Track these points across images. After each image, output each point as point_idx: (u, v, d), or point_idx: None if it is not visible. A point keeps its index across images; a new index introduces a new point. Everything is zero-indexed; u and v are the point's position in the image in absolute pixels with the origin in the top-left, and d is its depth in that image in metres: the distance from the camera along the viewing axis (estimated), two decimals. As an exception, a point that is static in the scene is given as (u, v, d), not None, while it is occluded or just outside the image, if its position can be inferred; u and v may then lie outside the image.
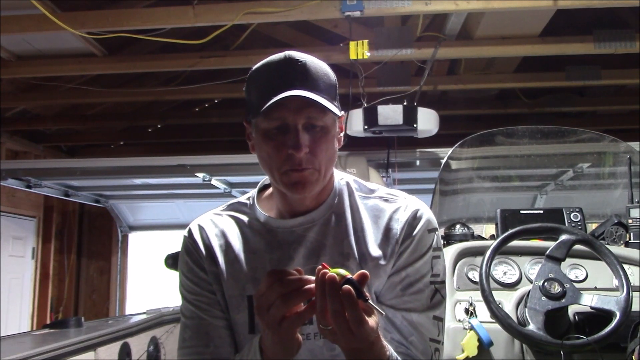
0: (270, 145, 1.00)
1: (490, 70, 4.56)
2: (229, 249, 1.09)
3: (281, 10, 3.25)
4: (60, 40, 3.81)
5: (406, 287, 1.04)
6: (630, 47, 3.65)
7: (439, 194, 2.63)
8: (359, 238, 1.06)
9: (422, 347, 1.03)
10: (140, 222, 5.97)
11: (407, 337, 1.02)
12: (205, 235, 1.11)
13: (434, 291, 1.06)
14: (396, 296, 1.04)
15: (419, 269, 1.05)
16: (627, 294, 1.45)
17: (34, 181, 4.58)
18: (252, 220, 1.12)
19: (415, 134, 3.63)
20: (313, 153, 1.00)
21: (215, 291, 1.09)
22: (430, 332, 1.04)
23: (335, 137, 1.05)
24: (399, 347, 1.01)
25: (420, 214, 1.07)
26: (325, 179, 1.05)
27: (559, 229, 1.62)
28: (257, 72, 1.03)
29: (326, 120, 1.01)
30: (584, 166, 3.07)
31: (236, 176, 4.68)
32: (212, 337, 1.07)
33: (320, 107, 0.97)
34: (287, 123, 0.98)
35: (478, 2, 3.21)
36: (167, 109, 6.11)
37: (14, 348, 1.96)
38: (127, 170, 4.53)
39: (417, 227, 1.06)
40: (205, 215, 1.16)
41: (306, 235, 1.07)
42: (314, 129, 1.00)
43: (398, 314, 1.03)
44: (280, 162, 1.00)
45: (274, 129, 0.99)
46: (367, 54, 3.36)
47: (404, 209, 1.08)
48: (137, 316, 2.97)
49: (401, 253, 1.05)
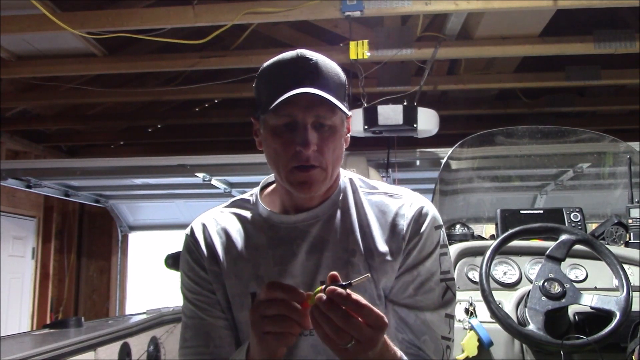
0: (278, 142, 1.00)
1: (490, 70, 4.56)
2: (231, 247, 1.09)
3: (281, 10, 3.25)
4: (60, 40, 3.81)
5: (418, 286, 1.04)
6: (630, 47, 3.65)
7: (439, 194, 2.63)
8: (365, 234, 1.06)
9: (434, 346, 1.03)
10: (140, 222, 5.98)
11: (420, 336, 1.02)
12: (207, 233, 1.11)
13: (445, 288, 1.06)
14: (409, 296, 1.04)
15: (429, 268, 1.05)
16: (627, 294, 1.45)
17: (34, 181, 4.59)
18: (254, 216, 1.11)
19: (415, 134, 3.63)
20: (320, 151, 1.00)
21: (215, 291, 1.08)
22: (442, 330, 1.04)
23: (343, 137, 1.05)
24: (410, 348, 1.01)
25: (425, 211, 1.07)
26: (332, 178, 1.05)
27: (559, 229, 1.62)
28: (268, 69, 1.03)
29: (335, 119, 1.01)
30: (584, 166, 3.08)
31: (236, 176, 4.68)
32: (212, 338, 1.07)
33: (330, 105, 0.98)
34: (296, 120, 0.98)
35: (478, 2, 3.21)
36: (167, 109, 6.11)
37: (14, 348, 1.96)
38: (127, 170, 4.53)
39: (424, 225, 1.05)
40: (208, 213, 1.15)
41: (309, 231, 1.06)
42: (323, 127, 1.00)
43: (411, 314, 1.03)
44: (287, 159, 1.00)
45: (282, 125, 0.99)
46: (367, 54, 3.37)
47: (409, 205, 1.07)
48: (137, 316, 2.97)
49: (409, 252, 1.04)
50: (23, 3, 3.14)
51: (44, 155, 6.30)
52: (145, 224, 6.02)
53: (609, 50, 3.70)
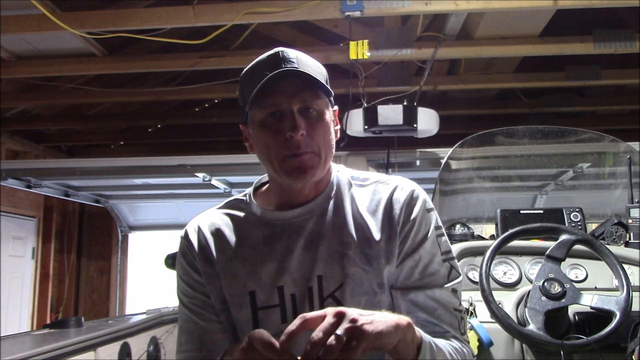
0: (268, 134, 1.01)
1: (490, 70, 4.56)
2: (226, 247, 1.09)
3: (281, 10, 3.25)
4: (60, 40, 3.80)
5: (423, 269, 1.05)
6: (630, 47, 3.65)
7: (439, 194, 2.63)
8: (359, 225, 1.06)
9: (448, 318, 1.04)
10: (140, 222, 5.98)
11: (433, 312, 1.03)
12: (201, 235, 1.11)
13: (450, 268, 1.07)
14: (416, 280, 1.04)
15: (429, 250, 1.05)
16: (627, 294, 1.45)
17: (34, 181, 4.59)
18: (248, 215, 1.12)
19: (415, 134, 3.63)
20: (311, 136, 1.01)
21: (209, 293, 1.08)
22: (452, 303, 1.05)
23: (332, 124, 1.06)
24: (425, 326, 1.01)
25: (416, 194, 1.09)
26: (325, 165, 1.05)
27: (559, 229, 1.61)
28: (249, 69, 1.05)
29: (320, 103, 1.02)
30: (584, 166, 3.07)
31: (236, 176, 4.68)
32: (204, 342, 1.07)
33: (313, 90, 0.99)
34: (281, 109, 1.00)
35: (478, 2, 3.21)
36: (167, 109, 6.11)
37: (14, 348, 1.95)
38: (127, 170, 4.53)
39: (416, 208, 1.07)
40: (202, 215, 1.16)
41: (305, 226, 1.07)
42: (309, 112, 1.01)
43: (420, 294, 1.03)
44: (278, 148, 1.01)
45: (269, 116, 1.01)
46: (367, 54, 3.36)
47: (401, 189, 1.09)
48: (137, 316, 2.96)
49: (405, 236, 1.05)
50: (23, 3, 3.14)
51: (44, 155, 6.30)
52: (145, 224, 6.02)
53: (609, 50, 3.70)
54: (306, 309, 1.03)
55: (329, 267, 1.03)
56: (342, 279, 1.03)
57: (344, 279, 1.02)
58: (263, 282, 1.05)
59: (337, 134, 1.09)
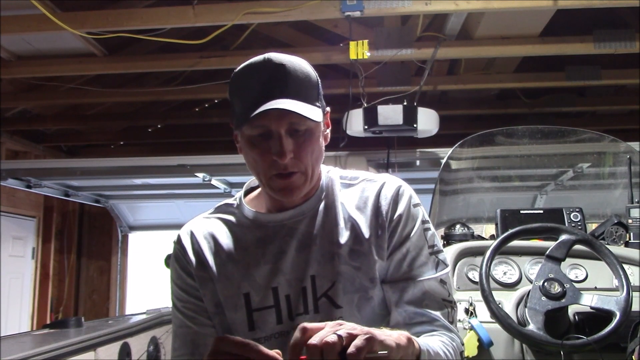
0: (256, 151, 1.02)
1: (490, 70, 4.56)
2: (220, 251, 1.10)
3: (281, 10, 3.25)
4: (60, 40, 3.80)
5: (410, 262, 1.06)
6: (630, 47, 3.65)
7: (439, 194, 2.63)
8: (349, 224, 1.08)
9: (437, 308, 1.05)
10: (140, 222, 5.98)
11: (420, 302, 1.04)
12: (194, 239, 1.12)
13: (437, 261, 1.09)
14: (404, 272, 1.06)
15: (416, 243, 1.07)
16: (627, 294, 1.45)
17: (34, 181, 4.59)
18: (240, 218, 1.13)
19: (415, 134, 3.63)
20: (298, 157, 1.01)
21: (203, 297, 1.09)
22: (441, 294, 1.06)
23: (321, 136, 1.06)
24: (414, 318, 1.03)
25: (402, 190, 1.10)
26: (313, 180, 1.06)
27: (559, 229, 1.61)
28: (238, 77, 1.04)
29: (309, 123, 1.01)
30: (584, 166, 3.07)
31: (236, 176, 4.67)
32: (197, 346, 1.08)
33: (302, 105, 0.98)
34: (270, 130, 0.99)
35: (478, 2, 3.21)
36: (167, 109, 6.10)
37: (14, 348, 1.95)
38: (127, 170, 4.53)
39: (403, 204, 1.09)
40: (193, 221, 1.17)
41: (297, 227, 1.08)
42: (298, 132, 1.01)
43: (409, 286, 1.05)
44: (266, 168, 1.01)
45: (257, 136, 1.01)
46: (367, 54, 3.36)
47: (388, 185, 1.11)
48: (137, 316, 2.97)
49: (393, 229, 1.07)
50: (23, 3, 3.14)
51: (44, 155, 6.29)
52: (145, 224, 6.02)
53: (609, 50, 3.70)
54: (301, 309, 1.04)
55: (322, 266, 1.05)
56: (334, 277, 1.04)
57: (336, 277, 1.04)
58: (257, 283, 1.06)
59: (327, 138, 1.09)
